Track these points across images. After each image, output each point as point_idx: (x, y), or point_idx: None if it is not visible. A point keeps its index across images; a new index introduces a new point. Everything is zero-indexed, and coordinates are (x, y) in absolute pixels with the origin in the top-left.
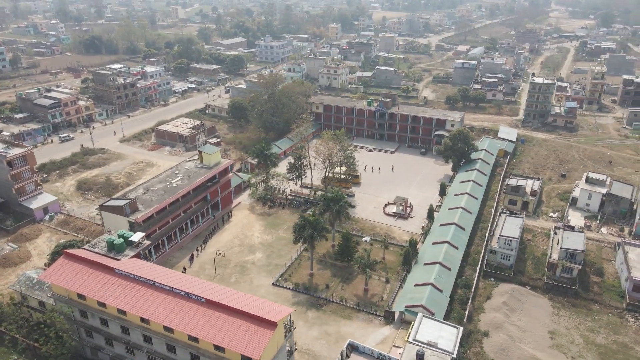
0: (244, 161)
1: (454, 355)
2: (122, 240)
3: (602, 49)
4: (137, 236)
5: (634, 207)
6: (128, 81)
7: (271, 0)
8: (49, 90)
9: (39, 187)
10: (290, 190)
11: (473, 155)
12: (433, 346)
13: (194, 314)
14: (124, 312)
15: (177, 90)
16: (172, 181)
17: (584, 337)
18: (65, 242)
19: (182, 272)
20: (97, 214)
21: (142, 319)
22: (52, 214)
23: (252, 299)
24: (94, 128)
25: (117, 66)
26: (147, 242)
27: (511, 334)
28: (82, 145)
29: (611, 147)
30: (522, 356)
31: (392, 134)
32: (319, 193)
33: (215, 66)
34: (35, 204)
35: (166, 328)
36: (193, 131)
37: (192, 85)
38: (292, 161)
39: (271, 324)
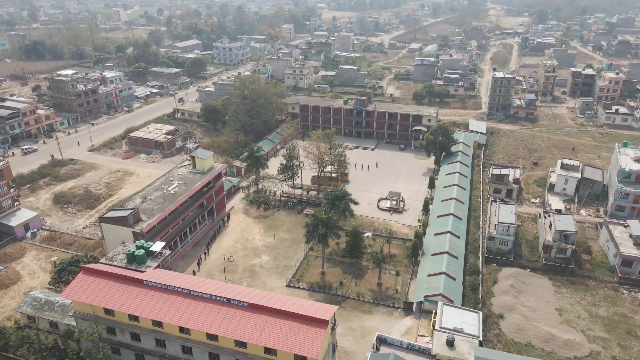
0: (230, 164)
1: (481, 339)
2: (143, 251)
3: (543, 44)
4: (157, 246)
5: (606, 189)
6: (89, 87)
7: (221, 2)
8: (3, 100)
9: (17, 203)
10: (282, 191)
11: (453, 148)
12: (459, 332)
13: (240, 319)
14: (160, 324)
15: (139, 96)
16: (169, 188)
17: (587, 311)
18: (69, 258)
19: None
20: (84, 228)
21: (181, 330)
22: (34, 230)
23: (294, 300)
24: (57, 139)
25: (69, 72)
26: (167, 252)
27: (524, 314)
28: (52, 156)
29: (571, 135)
30: (538, 334)
31: (370, 131)
32: (312, 192)
33: (175, 69)
34: (15, 221)
35: (209, 336)
36: (169, 137)
37: (155, 90)
38: (284, 162)
39: (323, 322)
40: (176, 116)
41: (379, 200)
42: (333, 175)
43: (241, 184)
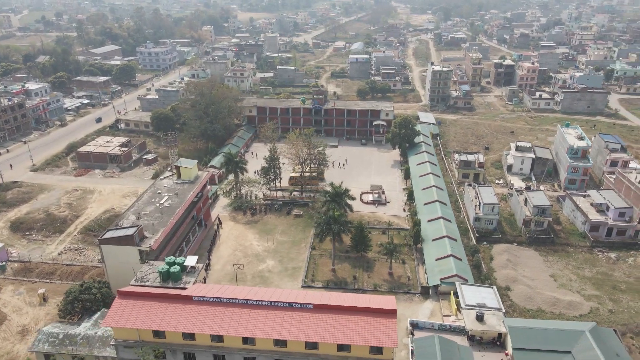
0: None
1: (503, 311)
2: (178, 267)
3: (456, 39)
4: (191, 260)
5: (555, 166)
6: (16, 102)
7: (132, 5)
8: None
9: None
10: (264, 194)
11: (416, 140)
12: (484, 307)
13: (307, 321)
14: (220, 339)
15: (69, 108)
16: (161, 201)
17: (575, 274)
18: (77, 287)
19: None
20: (60, 254)
21: (244, 341)
22: (2, 263)
23: (353, 296)
24: None
25: None
26: (200, 265)
27: (527, 284)
28: None
29: (507, 121)
30: (545, 299)
31: (330, 129)
32: (295, 193)
33: (104, 78)
34: None
35: (277, 343)
36: (125, 149)
37: (85, 101)
38: (265, 165)
39: (391, 312)
40: (120, 127)
41: (361, 194)
42: (313, 174)
43: (220, 192)
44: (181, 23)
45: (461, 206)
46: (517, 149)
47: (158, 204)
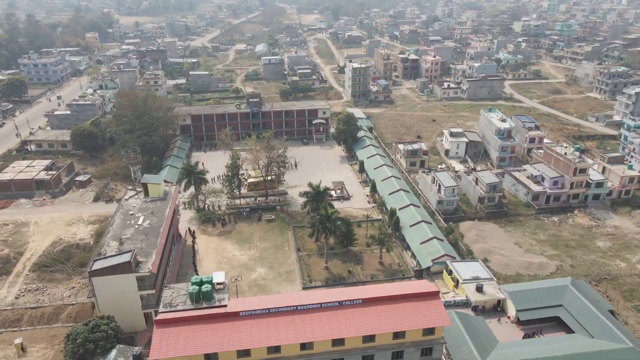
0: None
1: (495, 280)
2: (209, 286)
3: (353, 37)
4: (219, 276)
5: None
6: None
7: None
8: None
9: None
10: (227, 204)
11: (359, 134)
12: (478, 279)
13: (360, 316)
14: (277, 349)
15: None
16: (139, 222)
17: (533, 239)
18: (82, 327)
19: None
20: (18, 297)
21: (302, 346)
22: None
23: (391, 285)
24: None
25: None
26: (227, 281)
27: (500, 254)
28: None
29: (426, 110)
30: (520, 265)
31: (268, 131)
32: (260, 199)
33: None
34: None
35: (335, 342)
36: (53, 173)
37: None
38: (228, 173)
39: (435, 294)
40: (30, 149)
41: None
42: (272, 177)
43: (180, 205)
44: (57, 30)
45: (419, 192)
46: (452, 134)
47: (136, 226)
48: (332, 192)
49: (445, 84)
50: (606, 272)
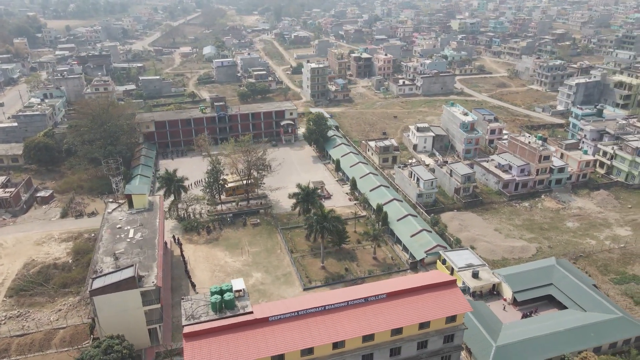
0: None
1: (487, 265)
2: (232, 295)
3: (300, 38)
4: (238, 284)
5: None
6: None
7: None
8: None
9: None
10: (208, 210)
11: (329, 134)
12: (472, 266)
13: (386, 311)
14: (310, 351)
15: None
16: (130, 235)
17: (510, 224)
18: (92, 350)
19: None
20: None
21: (334, 346)
22: None
23: (409, 278)
24: None
25: None
26: (245, 287)
27: (485, 240)
28: None
29: (386, 107)
30: (504, 249)
31: (236, 135)
32: (242, 203)
33: None
34: None
35: (365, 338)
36: (11, 190)
37: None
38: (210, 179)
39: (452, 282)
40: None
41: None
42: (251, 181)
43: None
44: None
45: (397, 187)
46: (418, 130)
47: (128, 239)
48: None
49: (401, 81)
50: (581, 250)
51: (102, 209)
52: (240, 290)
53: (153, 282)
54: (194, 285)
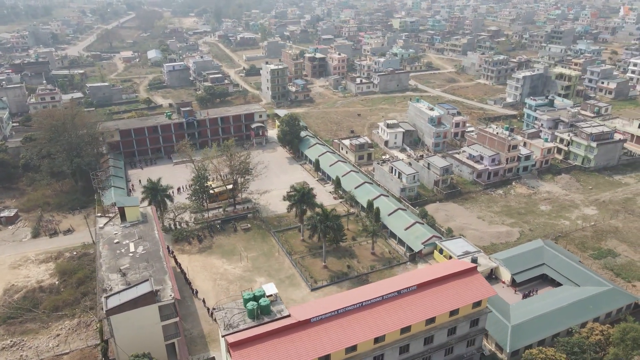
0: (107, 211)
1: (481, 251)
2: (268, 300)
3: (247, 39)
4: (270, 288)
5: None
6: None
7: None
8: None
9: None
10: (194, 218)
11: (302, 134)
12: (469, 253)
13: (420, 301)
14: (353, 348)
15: None
16: (132, 250)
17: (490, 211)
18: None
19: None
20: None
21: (375, 341)
22: None
23: (433, 267)
24: None
25: None
26: (276, 291)
27: (472, 228)
28: None
29: (347, 106)
30: (491, 235)
31: (205, 140)
32: (229, 208)
33: None
34: None
35: (403, 330)
36: None
37: None
38: (195, 187)
39: (474, 269)
40: None
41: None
42: (234, 186)
43: None
44: None
45: (377, 183)
46: (388, 126)
47: (130, 254)
48: None
49: (359, 80)
50: (558, 231)
51: (78, 225)
52: (273, 295)
53: (170, 295)
54: (195, 293)
